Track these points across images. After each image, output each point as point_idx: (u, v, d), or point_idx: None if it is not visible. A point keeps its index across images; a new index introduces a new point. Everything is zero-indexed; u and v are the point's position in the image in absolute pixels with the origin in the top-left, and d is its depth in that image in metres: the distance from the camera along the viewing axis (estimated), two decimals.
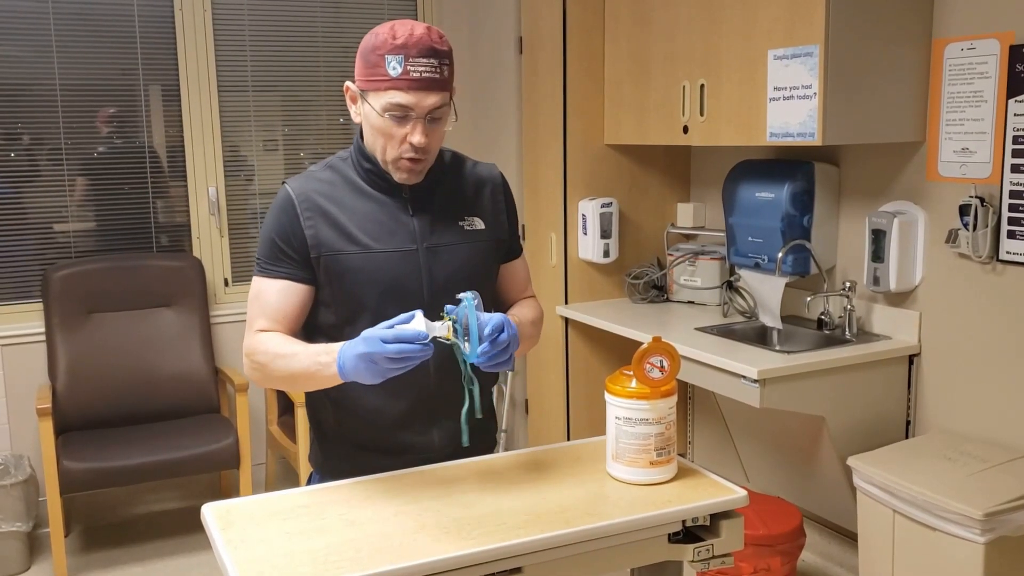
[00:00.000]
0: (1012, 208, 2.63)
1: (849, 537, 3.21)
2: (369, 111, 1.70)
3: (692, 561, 1.61)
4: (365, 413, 1.81)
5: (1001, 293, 2.71)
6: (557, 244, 3.79)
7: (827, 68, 2.71)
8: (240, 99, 4.06)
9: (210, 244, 4.04)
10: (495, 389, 2.07)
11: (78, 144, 3.82)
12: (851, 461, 2.69)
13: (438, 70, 1.67)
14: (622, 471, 1.68)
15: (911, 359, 2.99)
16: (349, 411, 1.82)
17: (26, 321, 3.75)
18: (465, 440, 1.71)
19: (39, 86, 3.73)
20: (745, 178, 3.28)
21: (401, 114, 1.67)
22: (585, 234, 3.71)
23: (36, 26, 3.70)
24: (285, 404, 3.91)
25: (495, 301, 1.93)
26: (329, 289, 1.77)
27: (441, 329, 1.58)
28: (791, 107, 2.82)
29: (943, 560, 2.42)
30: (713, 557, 1.62)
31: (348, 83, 1.75)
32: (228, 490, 3.98)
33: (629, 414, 1.66)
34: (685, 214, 3.85)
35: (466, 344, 1.58)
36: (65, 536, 3.42)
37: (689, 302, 3.71)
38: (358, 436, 1.84)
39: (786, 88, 2.84)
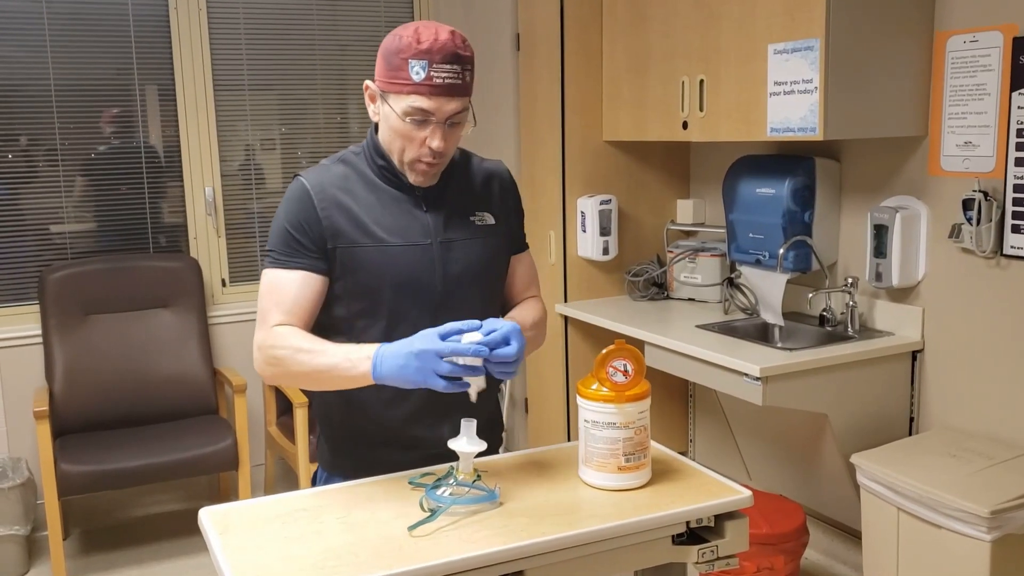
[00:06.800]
0: (1016, 202, 2.61)
1: (853, 535, 3.19)
2: (389, 112, 1.70)
3: (696, 563, 1.60)
4: (376, 408, 1.79)
5: (1005, 288, 2.69)
6: (556, 242, 3.77)
7: (828, 62, 2.68)
8: (236, 98, 4.04)
9: (207, 244, 4.02)
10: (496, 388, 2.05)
11: (74, 145, 3.80)
12: (854, 458, 2.67)
13: (460, 76, 1.66)
14: (591, 475, 1.66)
15: (914, 355, 2.96)
16: (359, 407, 1.81)
17: (23, 323, 3.73)
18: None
19: (34, 87, 3.70)
20: (745, 174, 3.26)
21: (421, 118, 1.67)
22: (584, 231, 3.68)
23: (30, 26, 3.67)
24: (284, 405, 3.88)
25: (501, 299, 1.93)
26: (343, 282, 1.76)
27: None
28: (792, 102, 2.80)
29: (948, 558, 2.39)
30: (718, 559, 1.60)
31: (368, 82, 1.75)
32: (227, 492, 3.95)
33: (597, 417, 1.63)
34: (685, 211, 3.83)
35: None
36: (63, 539, 3.40)
37: (690, 299, 3.69)
38: (368, 432, 1.83)
39: (786, 82, 2.81)
